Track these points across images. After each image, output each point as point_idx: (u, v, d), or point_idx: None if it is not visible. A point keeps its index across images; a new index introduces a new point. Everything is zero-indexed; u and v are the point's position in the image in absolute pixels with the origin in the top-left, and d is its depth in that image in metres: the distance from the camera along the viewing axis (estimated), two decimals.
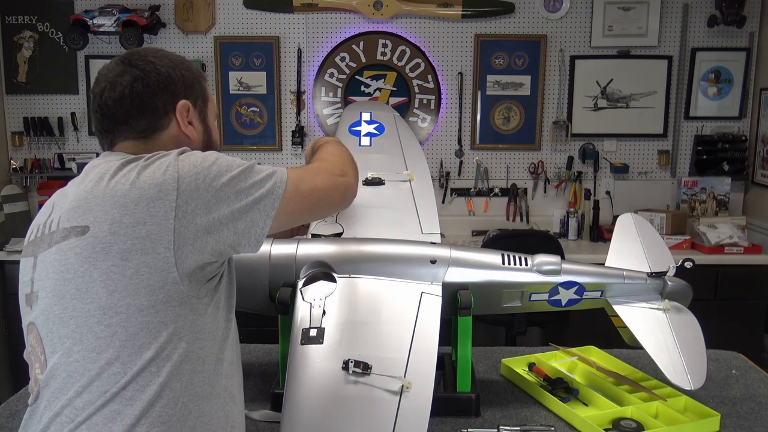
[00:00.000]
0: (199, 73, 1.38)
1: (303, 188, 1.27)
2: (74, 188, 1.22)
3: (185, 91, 1.32)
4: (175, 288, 1.14)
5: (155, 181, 1.14)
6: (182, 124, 1.31)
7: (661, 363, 1.70)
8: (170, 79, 1.29)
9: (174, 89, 1.30)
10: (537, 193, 4.32)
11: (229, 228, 1.17)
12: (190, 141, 1.33)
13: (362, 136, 2.24)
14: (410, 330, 1.47)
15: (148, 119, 1.28)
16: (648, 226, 2.03)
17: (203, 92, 1.38)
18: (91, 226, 1.13)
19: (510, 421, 1.68)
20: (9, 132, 4.24)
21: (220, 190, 1.16)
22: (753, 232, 4.05)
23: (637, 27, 4.12)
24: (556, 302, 1.77)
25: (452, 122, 4.26)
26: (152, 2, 4.10)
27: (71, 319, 1.14)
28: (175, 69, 1.31)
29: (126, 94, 1.26)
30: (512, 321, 3.57)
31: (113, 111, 1.27)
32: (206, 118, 1.38)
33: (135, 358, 1.12)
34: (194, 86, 1.34)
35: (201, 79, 1.38)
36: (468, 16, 4.12)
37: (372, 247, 1.72)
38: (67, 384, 1.13)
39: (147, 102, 1.27)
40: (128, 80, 1.26)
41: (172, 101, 1.29)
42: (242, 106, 4.24)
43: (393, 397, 1.32)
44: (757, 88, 4.19)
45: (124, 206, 1.13)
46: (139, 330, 1.12)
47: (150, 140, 1.30)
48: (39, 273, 1.20)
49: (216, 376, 1.21)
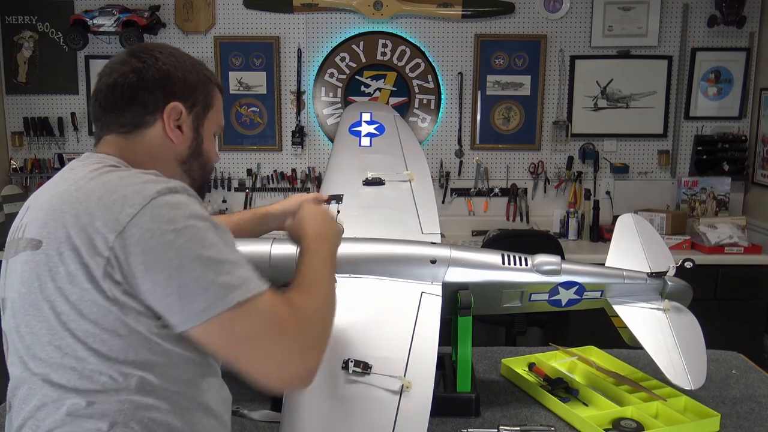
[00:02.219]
0: (208, 80, 1.30)
1: (249, 333, 1.07)
2: (46, 192, 1.17)
3: (183, 93, 1.25)
4: (121, 316, 1.06)
5: (110, 213, 1.05)
6: (167, 125, 1.23)
7: (661, 363, 1.70)
8: (168, 77, 1.23)
9: (169, 88, 1.23)
10: (537, 193, 4.32)
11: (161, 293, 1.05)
12: (173, 146, 1.25)
13: (362, 136, 2.24)
14: (410, 330, 1.48)
15: (134, 112, 1.22)
16: (648, 226, 2.03)
17: (207, 100, 1.30)
18: (44, 242, 1.08)
19: (510, 421, 1.68)
20: (9, 132, 4.24)
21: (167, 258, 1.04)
22: (753, 232, 4.05)
23: (637, 27, 4.12)
24: (556, 302, 1.77)
25: (452, 122, 4.26)
26: (152, 2, 4.09)
27: (27, 334, 1.10)
28: (178, 69, 1.25)
29: (119, 82, 1.22)
30: (512, 321, 3.57)
31: (105, 97, 1.23)
32: (201, 127, 1.29)
33: (89, 383, 1.07)
34: (196, 91, 1.27)
35: (209, 86, 1.30)
36: (468, 16, 4.12)
37: (372, 247, 1.72)
38: (29, 396, 1.11)
39: (137, 94, 1.21)
40: (126, 69, 1.22)
41: (163, 100, 1.23)
42: (242, 106, 4.24)
43: (393, 397, 1.32)
44: (757, 88, 4.19)
45: (75, 226, 1.06)
46: (90, 355, 1.06)
47: (132, 137, 1.23)
48: (6, 280, 1.17)
49: (184, 396, 1.13)
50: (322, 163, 4.25)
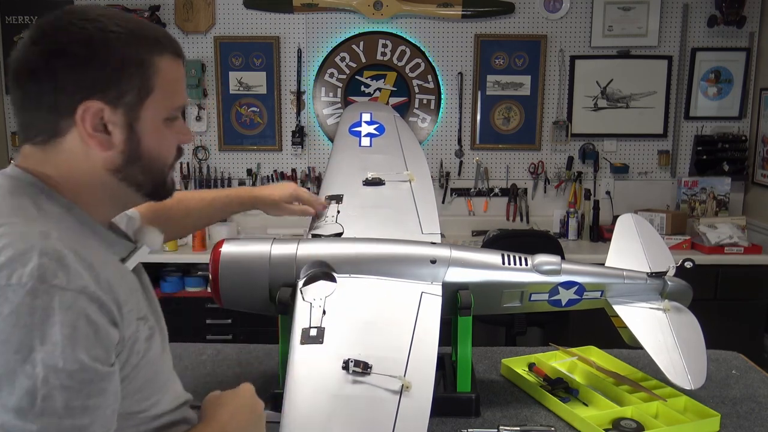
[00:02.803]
0: (145, 52, 0.96)
1: None
2: None
3: (101, 84, 0.94)
4: None
5: None
6: (84, 131, 0.95)
7: (661, 363, 1.70)
8: (82, 64, 0.92)
9: (83, 81, 0.93)
10: (537, 193, 4.32)
11: None
12: (100, 155, 0.97)
13: (362, 136, 2.24)
14: (410, 330, 1.47)
15: (42, 117, 0.96)
16: (648, 226, 2.03)
17: (144, 82, 0.96)
18: None
19: (510, 421, 1.68)
20: (9, 132, 4.24)
21: None
22: (753, 232, 4.05)
23: (637, 27, 4.12)
24: (556, 302, 1.77)
25: (452, 122, 4.26)
26: (152, 2, 4.10)
27: None
28: (97, 48, 0.92)
29: (21, 75, 0.95)
30: (512, 321, 3.57)
31: (12, 93, 0.98)
32: (137, 122, 0.97)
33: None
34: (122, 76, 0.94)
35: (145, 63, 0.96)
36: (468, 16, 4.12)
37: (372, 246, 1.72)
38: None
39: (42, 94, 0.94)
40: (30, 55, 0.94)
41: (77, 99, 0.94)
42: (242, 106, 4.24)
43: (393, 396, 1.32)
44: (757, 88, 4.19)
45: None
46: None
47: (49, 149, 0.98)
48: None
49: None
50: (322, 163, 4.25)
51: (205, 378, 1.91)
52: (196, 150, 4.26)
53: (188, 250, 3.83)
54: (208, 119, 4.25)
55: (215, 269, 1.69)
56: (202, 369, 1.98)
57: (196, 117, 4.23)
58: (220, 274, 1.68)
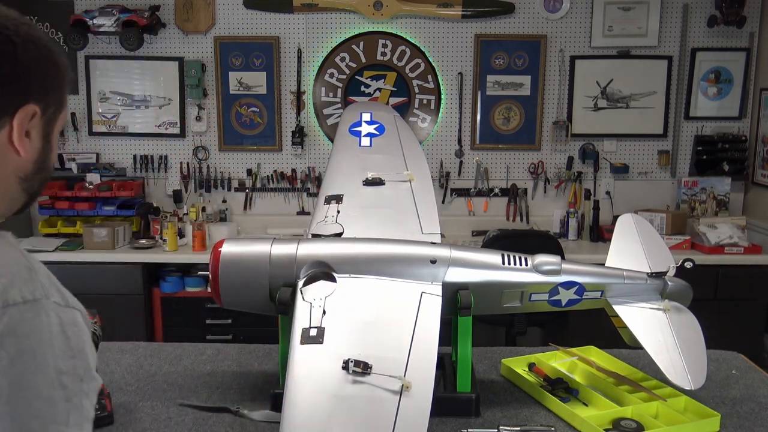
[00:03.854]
0: (65, 69, 0.98)
1: None
2: None
3: (39, 90, 0.93)
4: None
5: None
6: (16, 134, 0.91)
7: (661, 363, 1.70)
8: (27, 68, 0.91)
9: (26, 85, 0.92)
10: (537, 193, 4.32)
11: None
12: (17, 160, 0.94)
13: (362, 136, 2.24)
14: (410, 330, 1.48)
15: None
16: (648, 226, 2.03)
17: (61, 97, 0.98)
18: None
19: (510, 421, 1.68)
20: None
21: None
22: (753, 232, 4.05)
23: (637, 27, 4.12)
24: (556, 302, 1.77)
25: (452, 122, 4.26)
26: (152, 2, 4.09)
27: None
28: (40, 56, 0.93)
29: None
30: (512, 321, 3.57)
31: None
32: (51, 133, 0.98)
33: None
34: (52, 87, 0.95)
35: (64, 80, 0.98)
36: (468, 16, 4.12)
37: (372, 247, 1.72)
38: None
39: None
40: None
41: (16, 101, 0.91)
42: (242, 106, 4.24)
43: (393, 397, 1.32)
44: (757, 88, 4.19)
45: None
46: None
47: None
48: None
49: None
50: (322, 163, 4.25)
51: (205, 378, 1.92)
52: (196, 150, 4.26)
53: (188, 250, 3.83)
54: (208, 119, 4.25)
55: (215, 269, 1.69)
56: (202, 369, 1.98)
57: (196, 117, 4.23)
58: (220, 274, 1.69)
